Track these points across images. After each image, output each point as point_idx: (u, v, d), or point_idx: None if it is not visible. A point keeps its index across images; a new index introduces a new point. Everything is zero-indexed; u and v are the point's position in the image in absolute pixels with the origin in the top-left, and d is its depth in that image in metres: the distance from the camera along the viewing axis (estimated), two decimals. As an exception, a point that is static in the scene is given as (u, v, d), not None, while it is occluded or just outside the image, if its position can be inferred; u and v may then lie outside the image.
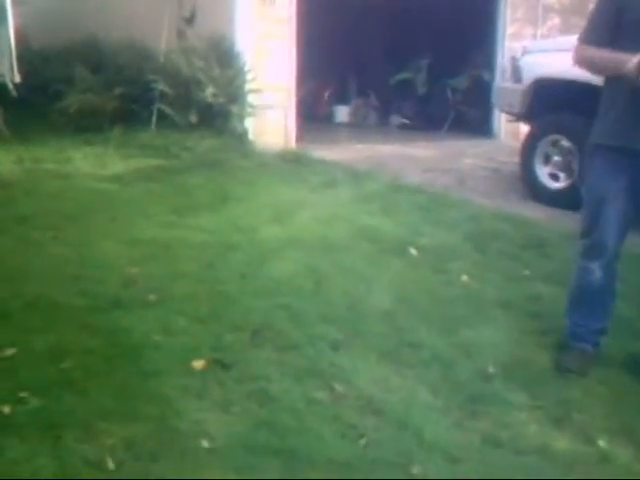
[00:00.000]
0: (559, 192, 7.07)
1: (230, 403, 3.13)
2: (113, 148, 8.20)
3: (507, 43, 10.50)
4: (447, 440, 2.91)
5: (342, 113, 12.98)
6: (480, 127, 11.39)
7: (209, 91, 8.25)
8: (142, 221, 5.55)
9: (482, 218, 6.18)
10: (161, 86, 8.57)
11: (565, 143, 7.03)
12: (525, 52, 7.54)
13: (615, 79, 3.24)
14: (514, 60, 7.53)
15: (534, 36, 10.81)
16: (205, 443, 2.82)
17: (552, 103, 7.09)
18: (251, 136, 8.69)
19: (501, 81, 7.78)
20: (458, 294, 4.40)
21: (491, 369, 3.48)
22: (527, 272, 4.89)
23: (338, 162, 8.35)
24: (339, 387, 3.29)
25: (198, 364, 3.41)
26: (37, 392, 3.09)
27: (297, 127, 9.83)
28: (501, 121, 10.95)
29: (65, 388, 3.16)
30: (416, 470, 2.71)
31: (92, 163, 7.56)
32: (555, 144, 7.14)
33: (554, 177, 7.16)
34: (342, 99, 13.16)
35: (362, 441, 2.90)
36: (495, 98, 7.91)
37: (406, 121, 12.48)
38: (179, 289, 4.24)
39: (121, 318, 3.85)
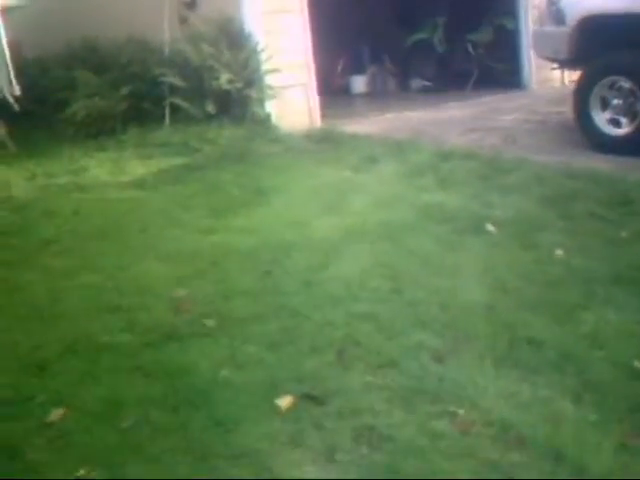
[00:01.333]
0: (623, 138, 6.41)
1: (334, 449, 2.51)
2: (129, 151, 7.57)
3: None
4: (620, 471, 2.27)
5: (358, 83, 12.30)
6: (509, 80, 10.67)
7: (224, 77, 7.59)
8: (177, 230, 4.96)
9: (550, 178, 5.53)
10: (170, 79, 7.90)
11: (625, 84, 6.34)
12: (562, -9, 6.83)
13: None
14: (552, 1, 6.81)
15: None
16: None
17: (604, 42, 6.41)
18: (274, 119, 8.01)
19: (540, 26, 7.03)
20: (560, 273, 3.78)
21: (637, 363, 2.82)
22: (624, 234, 4.23)
23: (371, 135, 7.72)
24: (461, 411, 2.66)
25: (284, 402, 2.81)
26: (98, 464, 2.50)
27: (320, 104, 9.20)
28: (532, 71, 10.26)
29: (131, 455, 2.56)
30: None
31: (109, 170, 6.96)
32: (613, 86, 6.43)
33: (615, 123, 6.48)
34: (357, 68, 12.45)
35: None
36: (536, 46, 7.20)
37: (428, 83, 11.78)
38: (238, 309, 3.65)
39: (178, 353, 3.25)
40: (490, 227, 4.45)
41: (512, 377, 2.87)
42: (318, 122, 8.49)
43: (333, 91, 11.74)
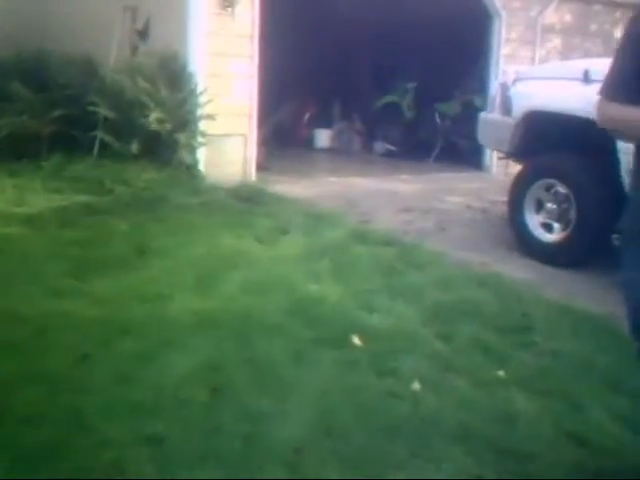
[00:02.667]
0: (553, 246, 5.96)
1: None
2: (41, 180, 7.10)
3: (502, 66, 9.34)
4: None
5: (323, 137, 11.91)
6: (471, 158, 10.27)
7: (153, 116, 7.11)
8: (27, 286, 4.42)
9: (456, 283, 5.06)
10: (102, 110, 7.42)
11: (561, 189, 5.89)
12: (517, 79, 6.40)
13: None
14: (503, 88, 6.38)
15: (532, 59, 9.70)
16: None
17: (547, 141, 6.00)
18: (203, 168, 7.57)
19: (488, 112, 6.59)
20: (405, 418, 3.24)
21: None
22: (501, 373, 3.74)
23: (301, 200, 7.26)
24: None
25: None
26: None
27: (262, 156, 8.74)
28: (494, 153, 9.86)
29: None
30: None
31: (9, 198, 6.47)
32: (549, 189, 5.99)
33: (548, 227, 6.02)
34: (324, 123, 12.06)
35: None
36: (480, 133, 6.74)
37: (392, 148, 11.41)
38: (23, 402, 3.12)
39: None
40: (356, 340, 3.94)
41: None
42: (253, 176, 8.06)
43: (296, 142, 11.37)
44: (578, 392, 3.60)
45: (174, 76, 7.54)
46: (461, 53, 9.98)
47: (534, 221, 6.11)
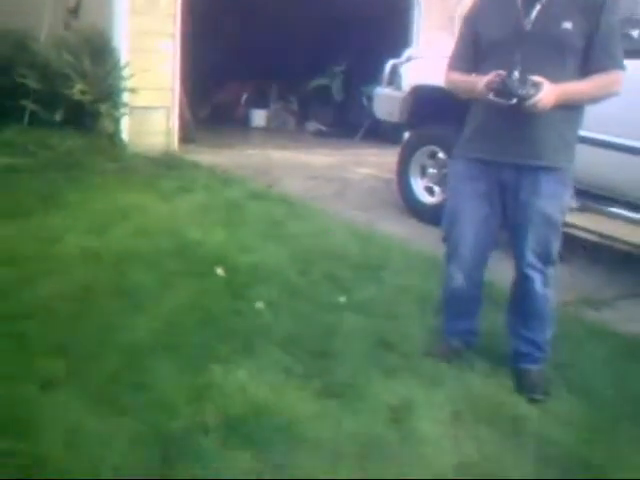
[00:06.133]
0: (434, 207, 6.50)
1: None
2: (-31, 147, 7.51)
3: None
4: None
5: (259, 117, 12.43)
6: (394, 136, 10.80)
7: (77, 88, 7.58)
8: None
9: (332, 234, 5.61)
10: (30, 81, 7.89)
11: (441, 155, 6.46)
12: (408, 58, 6.98)
13: (475, 99, 3.40)
14: (394, 66, 6.97)
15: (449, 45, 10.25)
16: None
17: (429, 112, 6.53)
18: (127, 137, 8.05)
19: (382, 88, 7.16)
20: (241, 325, 3.81)
21: (213, 419, 2.89)
22: (342, 299, 4.29)
23: (216, 167, 7.78)
24: (15, 440, 2.67)
25: None
26: None
27: (193, 128, 9.27)
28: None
29: None
30: None
31: (-64, 160, 6.88)
32: (432, 156, 6.56)
33: (430, 191, 6.59)
34: (261, 103, 12.58)
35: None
36: (376, 106, 7.31)
37: (322, 128, 11.96)
38: None
39: None
40: (220, 272, 4.48)
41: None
42: (175, 146, 8.53)
43: (232, 121, 11.87)
44: (402, 314, 4.16)
45: (98, 51, 8.01)
46: (385, 39, 10.50)
47: (418, 185, 6.68)
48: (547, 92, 3.15)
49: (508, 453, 2.97)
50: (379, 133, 11.17)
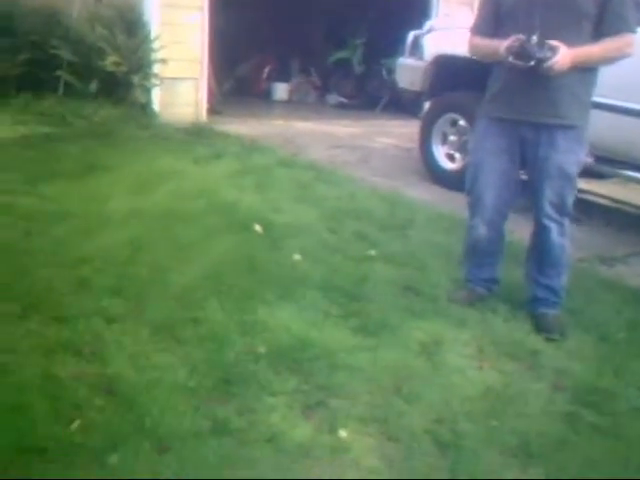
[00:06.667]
0: (454, 173, 6.81)
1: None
2: (10, 114, 7.86)
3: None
4: (170, 426, 2.63)
5: (281, 90, 12.68)
6: (414, 108, 11.08)
7: (110, 59, 7.90)
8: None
9: (359, 197, 5.93)
10: (64, 53, 8.21)
11: (462, 122, 6.75)
12: (429, 29, 7.26)
13: (496, 62, 3.72)
14: (416, 38, 7.25)
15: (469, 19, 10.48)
16: None
17: (451, 81, 6.82)
18: (157, 108, 8.37)
19: (404, 59, 7.45)
20: (280, 273, 4.13)
21: (263, 349, 3.20)
22: (373, 252, 4.62)
23: (244, 136, 8.07)
24: (88, 363, 3.02)
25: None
26: None
27: (219, 100, 9.58)
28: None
29: None
30: (113, 459, 2.43)
31: (-25, 129, 7.23)
32: (453, 123, 6.86)
33: (451, 158, 6.90)
34: (283, 77, 12.85)
35: (76, 424, 2.61)
36: (398, 76, 7.60)
37: (343, 100, 12.22)
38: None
39: None
40: (258, 227, 4.80)
41: (156, 346, 3.23)
42: (203, 117, 8.84)
43: (255, 94, 12.16)
44: (428, 265, 4.49)
45: (130, 24, 8.31)
46: (405, 11, 10.74)
47: (440, 152, 6.98)
48: (563, 55, 3.47)
49: (527, 381, 3.30)
50: (399, 105, 11.43)
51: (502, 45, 3.50)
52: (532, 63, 3.48)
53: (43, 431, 2.56)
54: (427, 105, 7.76)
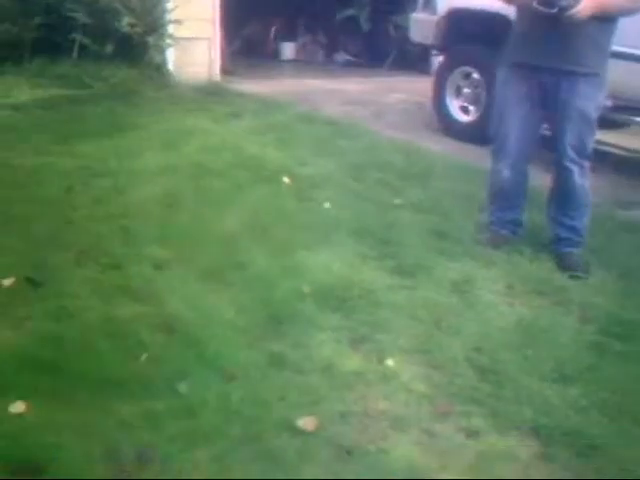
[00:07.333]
0: (469, 125, 6.98)
1: (26, 319, 3.04)
2: (27, 78, 7.98)
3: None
4: (230, 359, 2.83)
5: (288, 50, 12.77)
6: (421, 64, 11.21)
7: (125, 20, 8.00)
8: (19, 148, 5.39)
9: (377, 149, 6.09)
10: (78, 15, 8.31)
11: (475, 75, 6.89)
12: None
13: (520, 8, 3.91)
14: (429, -9, 7.36)
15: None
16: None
17: (464, 35, 6.95)
18: (172, 68, 8.49)
19: (417, 13, 7.57)
20: (313, 220, 4.32)
21: (307, 289, 3.39)
22: (399, 201, 4.80)
23: (258, 95, 8.20)
24: (144, 305, 3.20)
25: (8, 282, 3.31)
26: None
27: (230, 61, 9.68)
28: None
29: None
30: (183, 388, 2.63)
31: (-3, 93, 7.35)
32: (466, 76, 7.00)
33: (464, 110, 7.04)
34: (290, 37, 12.92)
35: (143, 358, 2.81)
36: (412, 30, 7.72)
37: (351, 58, 12.32)
38: (22, 212, 4.12)
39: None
40: (286, 179, 4.97)
41: (205, 288, 3.44)
42: (217, 76, 8.96)
43: (262, 54, 12.25)
44: (451, 211, 4.67)
45: (144, -15, 8.41)
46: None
47: (454, 104, 7.13)
48: (585, 5, 3.61)
49: (556, 314, 3.49)
50: (406, 61, 11.56)
51: None
52: (555, 10, 3.62)
53: (114, 365, 2.75)
54: (439, 59, 7.86)
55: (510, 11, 5.78)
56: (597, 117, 3.96)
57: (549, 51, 3.81)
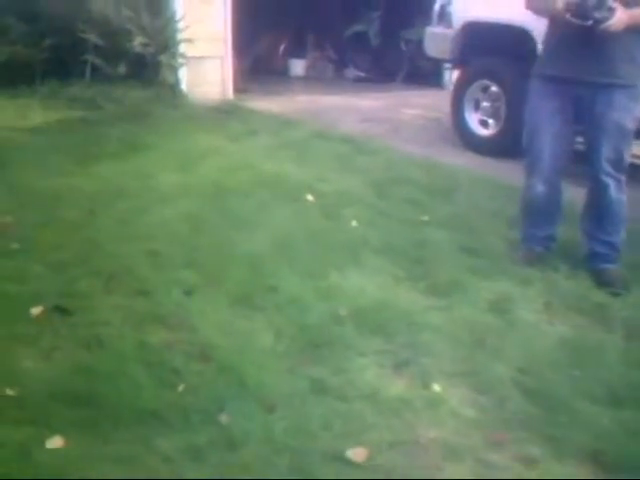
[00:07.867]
0: (488, 139, 6.88)
1: (56, 349, 2.95)
2: (39, 100, 7.93)
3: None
4: (270, 386, 2.73)
5: (298, 66, 12.70)
6: (433, 79, 11.14)
7: (138, 40, 7.95)
8: (39, 170, 5.32)
9: (398, 165, 6.00)
10: (90, 36, 8.26)
11: (494, 88, 6.80)
12: (457, -2, 7.30)
13: (552, 20, 3.81)
14: (443, 6, 7.28)
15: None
16: (10, 391, 2.64)
17: (482, 48, 6.86)
18: (185, 87, 8.43)
19: (432, 27, 7.49)
20: (342, 239, 4.22)
21: (344, 312, 3.29)
22: (426, 218, 4.71)
23: (273, 113, 8.14)
24: (177, 332, 3.10)
25: (36, 311, 3.22)
26: None
27: (241, 79, 9.61)
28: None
29: None
30: (224, 418, 2.53)
31: (11, 115, 7.30)
32: (485, 90, 6.91)
33: (483, 124, 6.95)
34: (299, 53, 12.88)
35: (180, 388, 2.71)
36: (427, 45, 7.64)
37: (361, 74, 12.24)
38: (48, 237, 4.04)
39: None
40: (309, 197, 4.89)
41: (237, 313, 3.36)
42: (230, 95, 8.90)
43: (272, 71, 12.19)
44: (480, 228, 4.57)
45: (155, 4, 8.37)
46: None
47: (472, 118, 7.04)
48: (620, 16, 3.53)
49: (599, 332, 3.38)
50: (417, 76, 11.50)
51: (561, 1, 3.53)
52: (589, 22, 3.53)
53: (151, 396, 2.65)
54: (455, 73, 7.78)
55: (527, 22, 5.78)
56: (634, 129, 3.84)
57: (584, 64, 3.73)
